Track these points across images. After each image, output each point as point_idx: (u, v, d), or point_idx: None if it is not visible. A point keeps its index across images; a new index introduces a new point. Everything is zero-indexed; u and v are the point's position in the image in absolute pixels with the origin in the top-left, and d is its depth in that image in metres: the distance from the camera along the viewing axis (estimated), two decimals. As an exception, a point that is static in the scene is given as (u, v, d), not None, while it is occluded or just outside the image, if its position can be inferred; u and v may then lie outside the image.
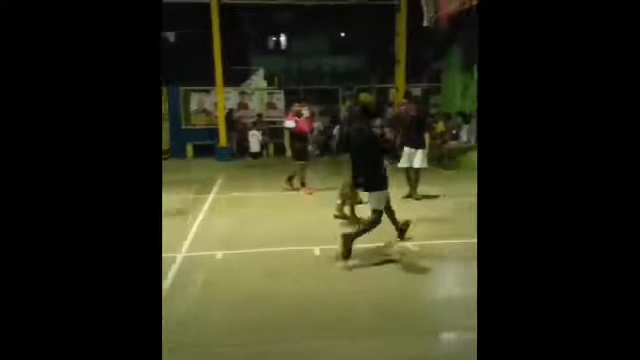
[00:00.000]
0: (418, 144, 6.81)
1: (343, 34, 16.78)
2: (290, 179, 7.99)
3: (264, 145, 13.03)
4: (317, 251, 4.72)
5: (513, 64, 1.43)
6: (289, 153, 7.98)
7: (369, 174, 4.50)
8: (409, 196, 6.91)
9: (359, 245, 4.58)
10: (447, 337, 3.23)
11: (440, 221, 5.79)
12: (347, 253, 4.43)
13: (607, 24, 1.33)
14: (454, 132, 10.63)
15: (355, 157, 4.63)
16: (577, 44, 1.36)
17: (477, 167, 1.52)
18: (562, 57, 1.37)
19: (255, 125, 13.07)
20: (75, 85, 1.44)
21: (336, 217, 5.85)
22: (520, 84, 1.42)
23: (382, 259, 4.52)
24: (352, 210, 5.67)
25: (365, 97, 4.71)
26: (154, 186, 1.54)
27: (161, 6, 1.74)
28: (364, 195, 5.07)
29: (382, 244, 4.85)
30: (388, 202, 4.73)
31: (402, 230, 5.03)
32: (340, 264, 4.38)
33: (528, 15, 1.41)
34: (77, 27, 1.43)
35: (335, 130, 6.91)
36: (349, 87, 13.22)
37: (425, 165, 6.89)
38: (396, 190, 6.66)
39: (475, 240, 5.10)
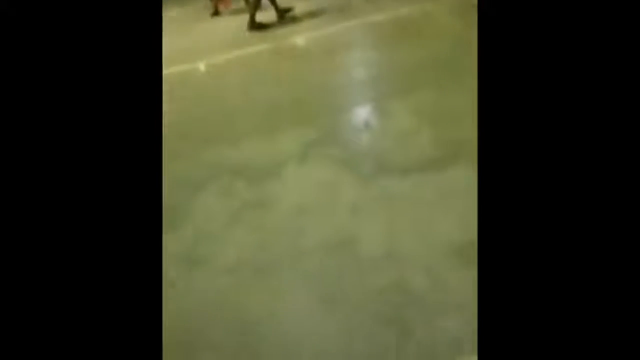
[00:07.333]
0: None
1: None
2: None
3: None
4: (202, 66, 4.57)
5: (512, 65, 1.40)
6: None
7: None
8: None
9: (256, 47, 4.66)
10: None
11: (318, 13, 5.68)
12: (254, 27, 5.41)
13: (607, 25, 1.30)
14: None
15: None
16: (576, 45, 1.34)
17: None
18: (561, 58, 1.35)
19: None
20: (74, 88, 1.39)
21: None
22: (519, 85, 1.40)
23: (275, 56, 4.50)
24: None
25: None
26: (154, 186, 1.51)
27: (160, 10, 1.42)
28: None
29: (271, 45, 4.76)
30: None
31: (281, 12, 5.58)
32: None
33: (527, 16, 1.37)
34: (76, 30, 1.39)
35: None
36: None
37: None
38: None
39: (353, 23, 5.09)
